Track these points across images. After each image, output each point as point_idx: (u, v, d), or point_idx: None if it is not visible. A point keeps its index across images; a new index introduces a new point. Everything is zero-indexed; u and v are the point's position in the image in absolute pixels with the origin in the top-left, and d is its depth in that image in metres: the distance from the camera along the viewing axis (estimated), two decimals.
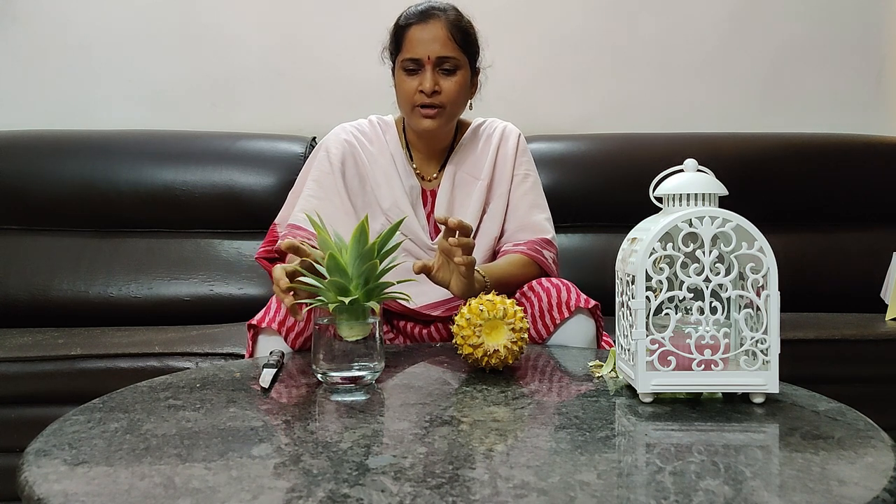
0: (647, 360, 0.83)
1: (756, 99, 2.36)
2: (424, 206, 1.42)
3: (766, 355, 0.83)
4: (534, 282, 1.28)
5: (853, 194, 2.15)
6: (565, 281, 1.28)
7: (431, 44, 1.31)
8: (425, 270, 1.13)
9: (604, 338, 1.30)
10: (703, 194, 0.86)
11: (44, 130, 2.11)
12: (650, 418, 0.79)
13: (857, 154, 2.17)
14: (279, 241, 1.38)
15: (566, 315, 1.22)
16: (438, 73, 1.32)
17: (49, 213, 2.00)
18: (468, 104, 1.42)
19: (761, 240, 0.82)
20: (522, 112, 2.13)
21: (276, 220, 1.46)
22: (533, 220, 1.41)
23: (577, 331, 1.23)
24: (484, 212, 1.42)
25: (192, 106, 2.25)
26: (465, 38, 1.34)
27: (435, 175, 1.44)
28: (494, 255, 1.42)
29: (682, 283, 0.83)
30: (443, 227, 1.11)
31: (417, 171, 1.43)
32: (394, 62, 1.38)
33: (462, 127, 1.47)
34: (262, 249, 1.46)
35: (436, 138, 1.42)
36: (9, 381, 1.47)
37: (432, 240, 1.39)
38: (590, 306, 1.23)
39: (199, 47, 2.25)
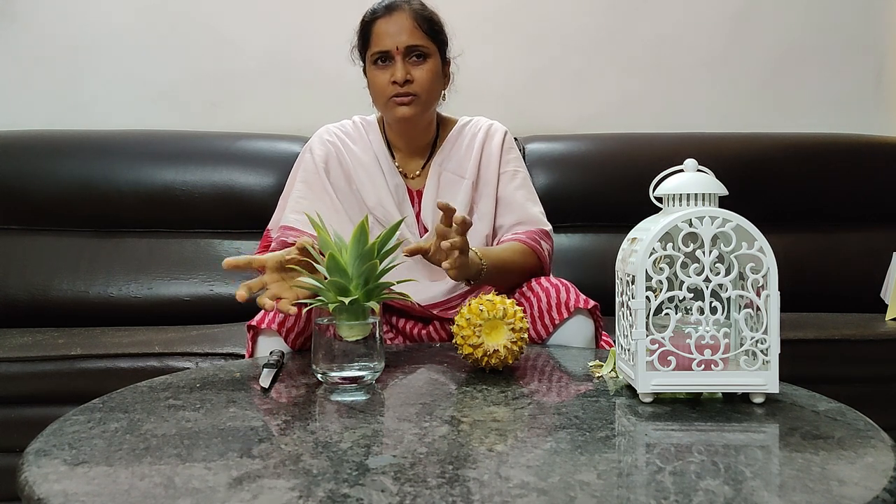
0: (647, 360, 0.83)
1: (756, 99, 2.36)
2: (413, 206, 1.41)
3: (766, 355, 0.83)
4: (533, 282, 1.28)
5: (853, 194, 2.15)
6: (564, 281, 1.28)
7: (398, 35, 1.31)
8: (420, 252, 1.13)
9: (603, 338, 1.30)
10: (703, 194, 0.86)
11: (44, 130, 2.11)
12: (650, 418, 0.79)
13: (857, 154, 2.17)
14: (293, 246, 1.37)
15: (565, 315, 1.22)
16: (408, 62, 1.32)
17: (49, 213, 2.00)
18: (442, 95, 1.41)
19: (761, 240, 0.82)
20: (522, 112, 2.13)
21: (268, 226, 1.46)
22: (530, 213, 1.40)
23: (576, 331, 1.23)
24: (472, 212, 1.41)
25: (192, 106, 2.25)
26: (431, 26, 1.34)
27: (418, 172, 1.43)
28: None
29: (682, 283, 0.83)
30: (441, 214, 1.11)
31: (401, 169, 1.42)
32: (364, 60, 1.38)
33: (446, 124, 1.46)
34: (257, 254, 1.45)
35: (415, 131, 1.40)
36: (9, 381, 1.47)
37: (421, 238, 1.38)
38: (589, 307, 1.23)
39: (200, 47, 2.25)
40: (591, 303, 1.24)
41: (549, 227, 1.41)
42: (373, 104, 1.39)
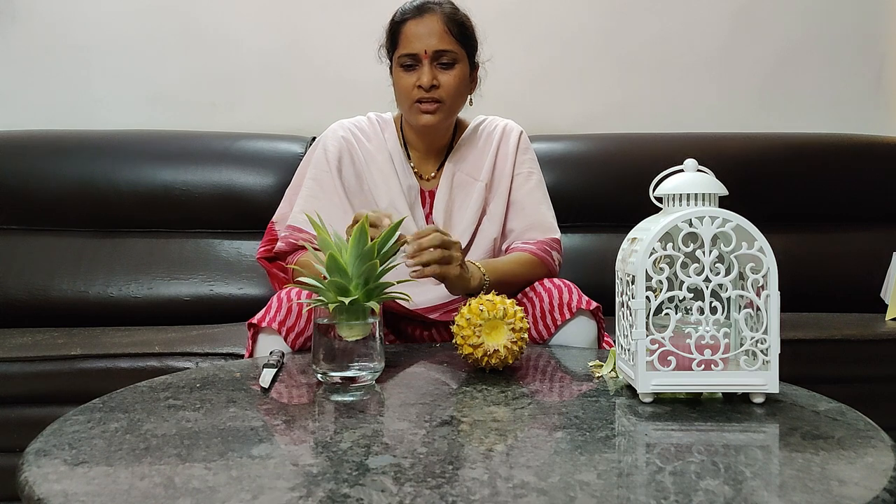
0: (647, 360, 0.83)
1: (756, 99, 2.36)
2: (423, 207, 1.40)
3: (766, 355, 0.83)
4: (536, 282, 1.28)
5: (853, 194, 2.15)
6: (567, 282, 1.27)
7: (428, 38, 1.29)
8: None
9: (605, 339, 1.30)
10: (703, 194, 0.86)
11: (44, 130, 2.11)
12: (650, 418, 0.79)
13: (857, 154, 2.17)
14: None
15: (568, 316, 1.22)
16: (436, 67, 1.30)
17: (49, 213, 2.00)
18: (468, 100, 1.39)
19: (761, 240, 0.82)
20: (522, 112, 2.12)
21: (273, 219, 1.45)
22: (542, 219, 1.39)
23: (578, 332, 1.23)
24: (484, 213, 1.41)
25: (192, 106, 2.25)
26: (461, 31, 1.32)
27: (433, 174, 1.42)
28: (495, 255, 1.41)
29: (682, 283, 0.83)
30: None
31: (416, 170, 1.41)
32: (391, 59, 1.37)
33: (461, 125, 1.45)
34: (262, 249, 1.45)
35: (434, 135, 1.39)
36: (9, 381, 1.47)
37: None
38: (591, 308, 1.23)
39: (199, 47, 2.25)
40: (594, 304, 1.23)
41: (559, 234, 1.40)
42: (396, 104, 1.38)
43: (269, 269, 1.43)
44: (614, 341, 0.95)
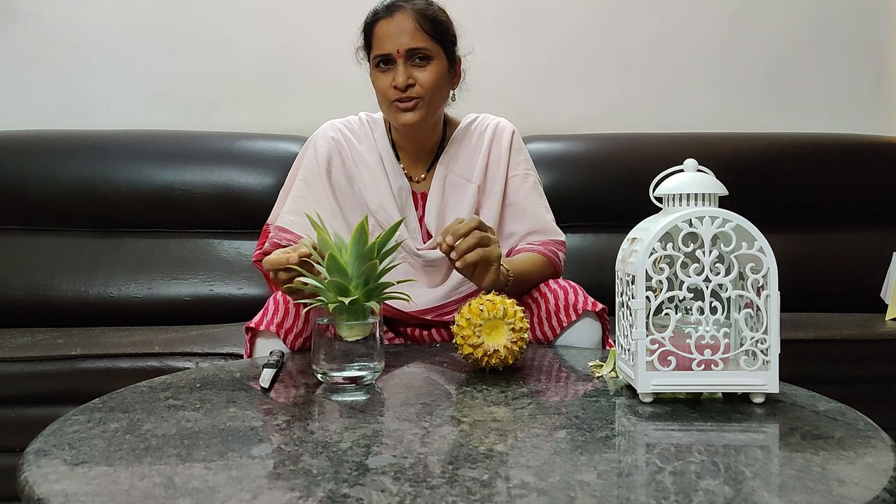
0: (647, 360, 0.83)
1: (756, 99, 2.36)
2: (416, 210, 1.38)
3: (766, 355, 0.83)
4: (541, 284, 1.28)
5: (853, 194, 2.15)
6: (573, 283, 1.27)
7: (399, 37, 1.26)
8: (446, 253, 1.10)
9: (609, 340, 1.30)
10: (703, 194, 0.86)
11: (44, 130, 2.11)
12: (650, 418, 0.79)
13: (857, 154, 2.17)
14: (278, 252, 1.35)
15: (573, 318, 1.21)
16: (411, 65, 1.27)
17: (49, 213, 2.00)
18: (451, 95, 1.36)
19: (761, 240, 0.82)
20: (522, 112, 2.13)
21: (268, 220, 1.44)
22: (544, 221, 1.38)
23: (583, 334, 1.23)
24: (477, 214, 1.39)
25: (192, 106, 2.25)
26: (434, 26, 1.28)
27: (423, 176, 1.40)
28: None
29: (682, 283, 0.83)
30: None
31: (406, 172, 1.39)
32: (369, 61, 1.34)
33: (451, 124, 1.43)
34: (258, 252, 1.45)
35: (420, 134, 1.36)
36: (9, 381, 1.47)
37: (423, 243, 1.36)
38: (597, 309, 1.23)
39: (199, 47, 2.25)
40: (599, 306, 1.23)
41: (562, 236, 1.39)
42: (378, 106, 1.37)
43: (264, 271, 1.43)
44: (614, 341, 0.95)
